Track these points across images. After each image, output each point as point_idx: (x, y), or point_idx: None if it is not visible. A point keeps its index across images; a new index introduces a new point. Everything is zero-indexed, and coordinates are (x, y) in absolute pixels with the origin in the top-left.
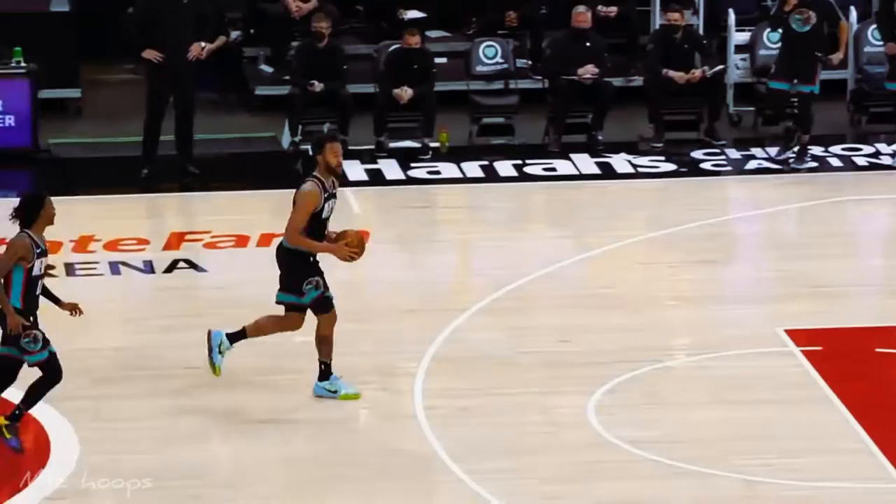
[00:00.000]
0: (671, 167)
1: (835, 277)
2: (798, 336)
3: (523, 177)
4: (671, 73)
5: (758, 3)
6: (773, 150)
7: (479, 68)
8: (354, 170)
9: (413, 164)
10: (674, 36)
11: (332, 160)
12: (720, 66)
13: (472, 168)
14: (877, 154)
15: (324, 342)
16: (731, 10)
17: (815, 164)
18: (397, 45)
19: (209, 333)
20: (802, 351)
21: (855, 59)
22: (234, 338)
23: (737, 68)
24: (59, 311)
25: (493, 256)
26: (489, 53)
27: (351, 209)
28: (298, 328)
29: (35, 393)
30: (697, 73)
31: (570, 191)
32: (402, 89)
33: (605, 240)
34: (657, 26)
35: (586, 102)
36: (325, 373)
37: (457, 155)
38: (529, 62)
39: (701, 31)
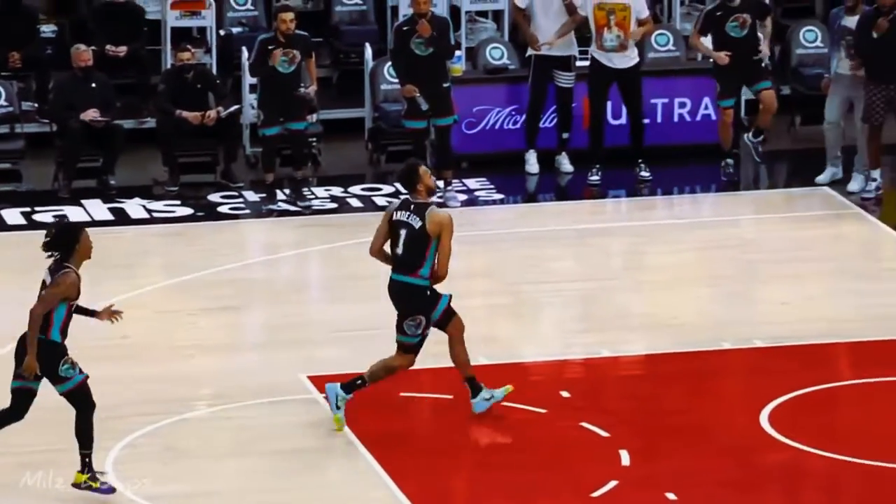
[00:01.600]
0: (188, 211)
1: (358, 320)
2: (321, 382)
3: (32, 225)
4: (184, 113)
5: None
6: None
7: None
8: None
9: None
10: (186, 75)
11: (432, 182)
12: (235, 107)
13: None
14: (397, 193)
15: (459, 355)
16: (244, 49)
17: (335, 206)
18: None
19: (325, 388)
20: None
21: (371, 97)
22: (349, 388)
23: (252, 108)
24: None
25: (2, 309)
26: None
27: None
28: (411, 366)
29: (84, 432)
30: (212, 113)
31: None
32: None
33: (120, 288)
34: (168, 66)
35: (97, 146)
36: (475, 387)
37: None
38: (35, 105)
39: (214, 71)
